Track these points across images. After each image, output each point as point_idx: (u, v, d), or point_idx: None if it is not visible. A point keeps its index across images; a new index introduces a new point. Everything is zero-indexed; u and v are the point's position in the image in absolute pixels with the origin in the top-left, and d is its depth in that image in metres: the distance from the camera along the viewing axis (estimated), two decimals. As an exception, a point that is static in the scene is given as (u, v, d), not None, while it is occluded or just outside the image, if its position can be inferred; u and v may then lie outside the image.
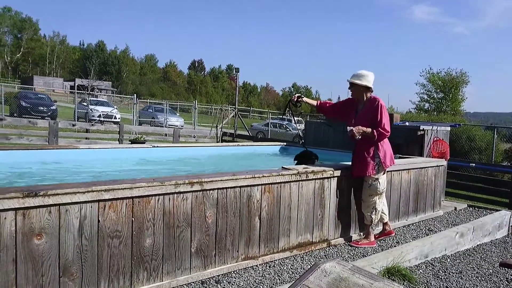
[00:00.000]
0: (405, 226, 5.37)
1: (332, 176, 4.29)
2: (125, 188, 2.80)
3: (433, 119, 19.24)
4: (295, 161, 4.91)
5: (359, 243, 4.43)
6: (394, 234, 4.79)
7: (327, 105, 4.80)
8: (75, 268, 2.65)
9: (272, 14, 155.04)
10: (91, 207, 2.68)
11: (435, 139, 6.42)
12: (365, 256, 4.12)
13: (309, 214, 4.13)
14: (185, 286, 3.16)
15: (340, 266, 2.07)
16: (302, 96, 4.63)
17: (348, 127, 4.24)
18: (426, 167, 5.66)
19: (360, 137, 4.25)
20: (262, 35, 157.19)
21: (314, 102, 4.74)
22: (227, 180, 3.38)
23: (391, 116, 8.32)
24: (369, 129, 4.23)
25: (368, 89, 4.37)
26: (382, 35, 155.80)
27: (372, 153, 4.31)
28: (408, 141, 6.39)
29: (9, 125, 11.25)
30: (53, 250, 2.55)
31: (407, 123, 6.78)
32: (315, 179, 4.13)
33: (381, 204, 4.53)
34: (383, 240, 4.72)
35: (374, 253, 4.20)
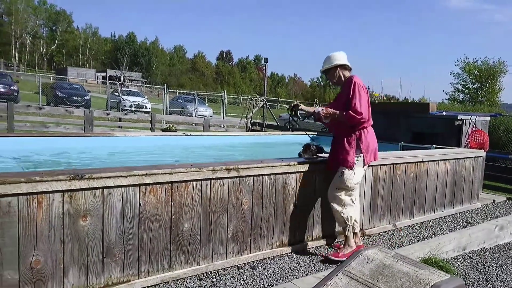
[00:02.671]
0: (441, 217, 5.24)
1: (367, 165, 4.21)
2: (165, 173, 2.85)
3: (468, 110, 18.59)
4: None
5: (339, 255, 3.56)
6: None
7: None
8: (117, 250, 2.73)
9: (299, 4, 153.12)
10: (133, 191, 2.75)
11: (473, 129, 6.21)
12: (401, 246, 4.06)
13: (343, 203, 4.08)
14: (221, 270, 3.21)
15: (383, 253, 2.04)
16: (299, 104, 4.10)
17: (316, 109, 3.73)
18: (464, 157, 5.49)
19: (327, 121, 3.70)
20: (291, 25, 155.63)
21: (312, 109, 4.04)
22: (263, 167, 3.39)
23: (423, 105, 8.06)
24: (337, 112, 3.60)
25: (342, 68, 3.73)
26: (415, 25, 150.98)
27: (353, 144, 3.60)
28: (445, 131, 6.20)
29: (47, 113, 11.66)
30: (97, 231, 2.64)
31: (444, 113, 6.58)
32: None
33: (354, 206, 3.70)
34: (418, 232, 4.62)
35: (410, 244, 4.13)
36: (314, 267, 3.44)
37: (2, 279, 2.32)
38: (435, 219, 5.15)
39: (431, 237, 4.42)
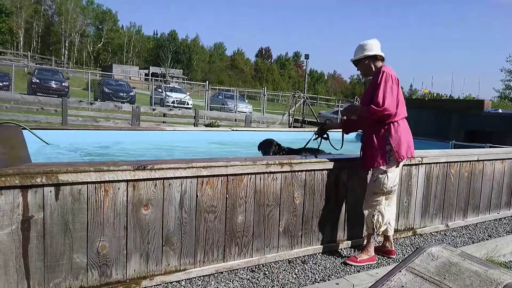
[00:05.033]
0: (496, 219, 5.03)
1: (420, 163, 4.12)
2: (221, 166, 2.91)
3: (521, 109, 17.63)
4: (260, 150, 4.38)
5: (358, 260, 3.39)
6: (395, 256, 3.61)
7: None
8: (175, 239, 2.82)
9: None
10: (191, 182, 2.83)
11: (532, 128, 5.90)
12: (454, 247, 3.93)
13: (394, 201, 4.01)
14: (273, 263, 3.24)
15: (448, 251, 2.00)
16: (326, 123, 4.11)
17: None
18: (523, 157, 5.22)
19: (353, 117, 3.55)
20: (330, 22, 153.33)
21: (340, 128, 3.87)
22: (316, 162, 3.39)
23: (476, 102, 7.72)
24: (358, 106, 3.44)
25: (372, 58, 3.41)
26: (464, 17, 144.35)
27: (382, 139, 3.31)
28: (501, 130, 5.93)
29: (95, 109, 12.17)
30: (157, 220, 2.74)
31: (500, 111, 6.29)
32: (403, 165, 3.99)
33: (389, 209, 3.51)
34: (472, 233, 4.45)
35: (464, 245, 3.99)
36: (366, 264, 3.39)
37: (72, 261, 2.46)
38: (489, 220, 4.95)
39: (487, 239, 4.25)
